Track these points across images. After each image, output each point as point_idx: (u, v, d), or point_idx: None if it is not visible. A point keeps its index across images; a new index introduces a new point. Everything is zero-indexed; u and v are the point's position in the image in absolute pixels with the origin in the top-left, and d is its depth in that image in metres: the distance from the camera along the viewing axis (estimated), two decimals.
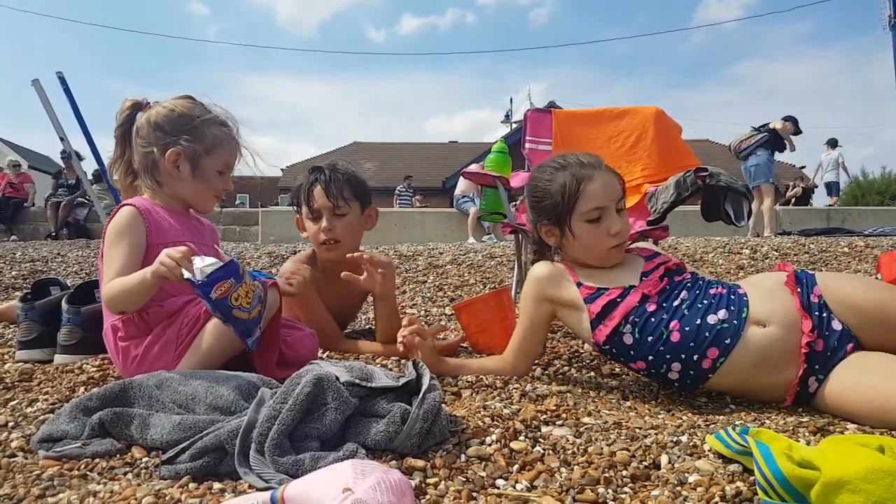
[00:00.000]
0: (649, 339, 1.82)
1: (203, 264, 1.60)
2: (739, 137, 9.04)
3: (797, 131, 9.02)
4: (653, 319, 1.82)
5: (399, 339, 1.98)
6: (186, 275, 1.59)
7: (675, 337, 1.79)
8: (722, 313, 1.76)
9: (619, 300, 1.87)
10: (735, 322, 1.74)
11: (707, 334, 1.75)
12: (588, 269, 1.99)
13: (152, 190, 2.06)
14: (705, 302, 1.81)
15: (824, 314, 1.73)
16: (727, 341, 1.74)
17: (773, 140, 8.85)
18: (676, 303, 1.83)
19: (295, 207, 2.61)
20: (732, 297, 1.81)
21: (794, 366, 1.70)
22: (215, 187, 2.10)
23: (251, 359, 1.84)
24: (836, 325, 1.71)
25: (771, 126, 8.87)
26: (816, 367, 1.69)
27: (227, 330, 1.72)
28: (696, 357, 1.77)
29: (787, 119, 8.94)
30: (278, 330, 1.94)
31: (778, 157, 9.24)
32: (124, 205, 1.97)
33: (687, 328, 1.78)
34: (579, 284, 1.95)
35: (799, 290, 1.78)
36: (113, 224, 1.93)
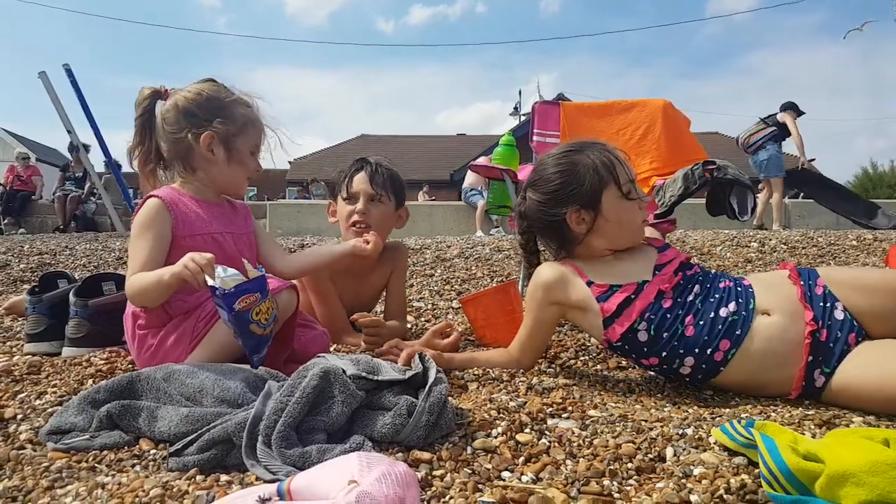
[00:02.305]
0: (665, 335, 1.81)
1: (225, 274, 1.60)
2: (748, 131, 8.98)
3: (800, 113, 8.98)
4: (668, 316, 1.81)
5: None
6: (210, 282, 1.59)
7: (690, 331, 1.79)
8: (732, 306, 1.79)
9: (633, 297, 1.84)
10: (744, 313, 1.77)
11: (720, 327, 1.77)
12: (596, 264, 1.96)
13: (183, 178, 2.04)
14: (717, 296, 1.83)
15: (827, 304, 1.75)
16: (738, 332, 1.75)
17: (782, 133, 8.82)
18: (690, 297, 1.83)
19: (322, 193, 2.67)
20: (739, 289, 1.84)
21: (799, 358, 1.70)
22: (249, 168, 2.09)
23: None
24: (839, 315, 1.73)
25: (780, 120, 8.83)
26: (820, 358, 1.69)
27: None
28: (709, 351, 1.77)
29: (788, 108, 8.89)
30: (293, 330, 1.93)
31: (786, 149, 9.20)
32: (150, 196, 1.95)
33: (701, 322, 1.79)
34: (590, 283, 1.90)
35: (801, 282, 1.81)
36: (139, 216, 1.91)
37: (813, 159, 9.46)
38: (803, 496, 1.06)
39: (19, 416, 1.58)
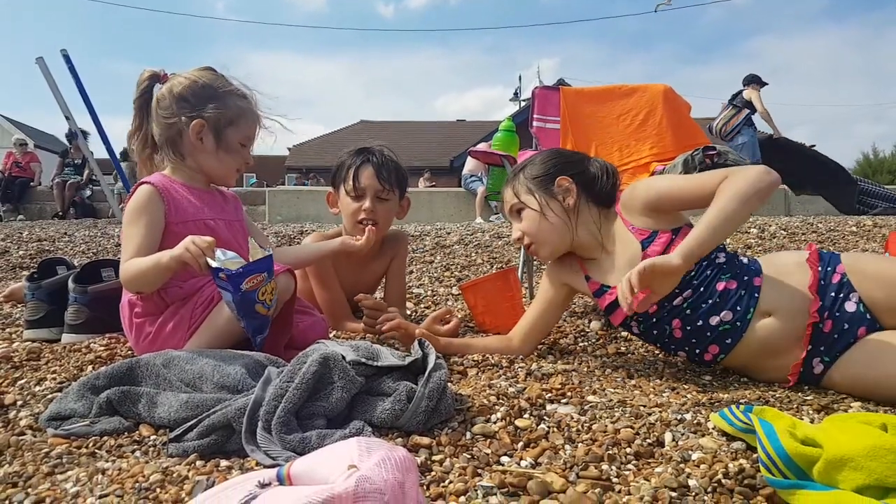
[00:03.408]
0: (654, 332, 1.89)
1: (225, 257, 1.60)
2: (724, 118, 8.83)
3: (763, 85, 8.90)
4: (655, 319, 1.85)
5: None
6: (214, 263, 1.58)
7: (678, 334, 1.83)
8: (725, 314, 1.74)
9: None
10: (739, 324, 1.73)
11: (708, 334, 1.78)
12: (591, 260, 1.99)
13: (174, 163, 2.04)
14: (710, 301, 1.75)
15: (841, 294, 1.66)
16: (728, 341, 1.76)
17: (752, 111, 8.74)
18: (678, 301, 1.78)
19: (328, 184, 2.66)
20: (742, 293, 1.74)
21: (799, 348, 1.68)
22: (238, 159, 2.08)
23: None
24: (850, 307, 1.65)
25: (746, 97, 8.76)
26: (822, 348, 1.67)
27: None
28: (697, 351, 1.83)
29: (752, 82, 8.81)
30: (292, 315, 1.93)
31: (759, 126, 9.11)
32: (143, 183, 1.94)
33: (688, 328, 1.80)
34: (588, 278, 1.98)
35: (819, 267, 1.72)
36: (131, 202, 1.91)
37: (814, 145, 9.41)
38: (801, 481, 1.06)
39: (19, 403, 1.58)
